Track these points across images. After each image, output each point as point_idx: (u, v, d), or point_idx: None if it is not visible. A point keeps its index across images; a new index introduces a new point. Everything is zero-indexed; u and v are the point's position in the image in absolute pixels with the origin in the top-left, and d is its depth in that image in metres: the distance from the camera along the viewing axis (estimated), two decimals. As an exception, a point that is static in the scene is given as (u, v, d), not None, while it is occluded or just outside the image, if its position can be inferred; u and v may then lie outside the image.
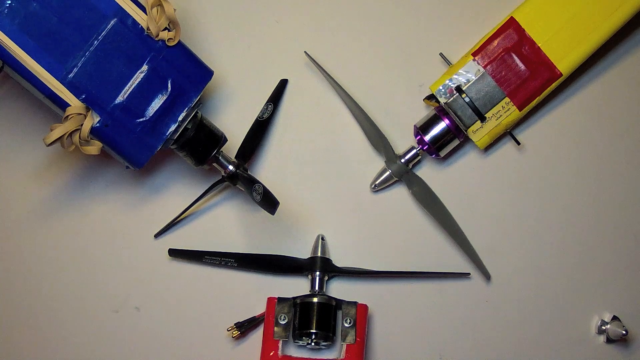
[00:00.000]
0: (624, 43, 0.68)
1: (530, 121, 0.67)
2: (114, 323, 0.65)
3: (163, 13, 0.56)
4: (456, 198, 0.66)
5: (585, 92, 0.68)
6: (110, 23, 0.55)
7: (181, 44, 0.58)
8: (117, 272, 0.66)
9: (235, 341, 0.64)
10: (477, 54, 0.63)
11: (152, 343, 0.65)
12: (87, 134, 0.55)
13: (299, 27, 0.68)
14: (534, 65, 0.63)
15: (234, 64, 0.68)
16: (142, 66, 0.56)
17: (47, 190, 0.66)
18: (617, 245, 0.67)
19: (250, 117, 0.66)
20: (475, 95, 0.63)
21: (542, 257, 0.66)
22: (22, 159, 0.66)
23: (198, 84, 0.59)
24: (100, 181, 0.66)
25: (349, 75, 0.67)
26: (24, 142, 0.66)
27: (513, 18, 0.63)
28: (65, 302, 0.65)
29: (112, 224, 0.66)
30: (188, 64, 0.58)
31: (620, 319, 0.65)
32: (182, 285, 0.65)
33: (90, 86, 0.55)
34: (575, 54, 0.63)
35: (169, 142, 0.59)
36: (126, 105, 0.56)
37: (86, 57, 0.55)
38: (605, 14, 0.63)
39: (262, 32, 0.68)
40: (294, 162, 0.67)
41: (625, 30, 0.65)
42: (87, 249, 0.66)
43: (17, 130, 0.66)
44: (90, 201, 0.66)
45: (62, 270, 0.65)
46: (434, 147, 0.64)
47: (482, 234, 0.66)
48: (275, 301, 0.62)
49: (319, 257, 0.63)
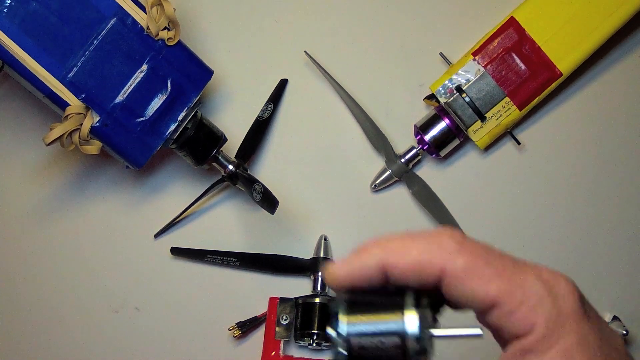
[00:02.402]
0: (624, 43, 0.68)
1: (530, 121, 0.67)
2: (114, 323, 0.65)
3: (163, 12, 0.56)
4: (456, 198, 0.66)
5: (585, 92, 0.68)
6: (110, 22, 0.55)
7: (181, 43, 0.58)
8: (117, 272, 0.66)
9: (236, 341, 0.64)
10: (477, 53, 0.63)
11: (152, 343, 0.65)
12: (87, 134, 0.55)
13: (299, 27, 0.68)
14: (534, 65, 0.63)
15: (234, 64, 0.68)
16: (142, 66, 0.56)
17: (47, 190, 0.66)
18: (617, 245, 0.67)
19: (250, 117, 0.66)
20: (475, 95, 0.63)
21: (541, 257, 0.66)
22: (22, 159, 0.66)
23: (198, 84, 0.59)
24: (100, 181, 0.66)
25: (349, 75, 0.67)
26: (23, 142, 0.66)
27: (513, 18, 0.63)
28: (65, 302, 0.65)
29: (112, 224, 0.66)
30: (188, 63, 0.58)
31: (620, 319, 0.65)
32: (183, 285, 0.65)
33: (89, 85, 0.55)
34: (575, 54, 0.63)
35: (168, 142, 0.59)
36: (126, 104, 0.56)
37: (86, 56, 0.55)
38: (605, 14, 0.63)
39: (262, 32, 0.68)
40: (294, 162, 0.67)
41: (625, 30, 0.65)
42: (87, 249, 0.66)
43: (17, 130, 0.66)
44: (90, 201, 0.66)
45: (62, 270, 0.65)
46: (434, 146, 0.64)
47: (482, 233, 0.66)
48: (277, 301, 0.62)
49: (322, 258, 0.63)
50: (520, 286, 0.31)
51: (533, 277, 0.31)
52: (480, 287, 0.30)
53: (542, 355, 0.30)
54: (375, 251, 0.32)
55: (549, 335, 0.30)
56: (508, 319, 0.31)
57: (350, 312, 0.31)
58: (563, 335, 0.30)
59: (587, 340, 0.31)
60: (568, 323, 0.31)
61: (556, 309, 0.31)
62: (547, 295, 0.31)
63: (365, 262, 0.32)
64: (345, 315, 0.31)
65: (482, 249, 0.31)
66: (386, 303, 0.31)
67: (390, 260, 0.31)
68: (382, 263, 0.31)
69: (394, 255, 0.31)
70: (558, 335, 0.30)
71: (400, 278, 0.31)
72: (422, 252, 0.31)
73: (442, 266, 0.31)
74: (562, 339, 0.30)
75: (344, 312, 0.31)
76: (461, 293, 0.31)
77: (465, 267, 0.30)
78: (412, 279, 0.31)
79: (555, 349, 0.30)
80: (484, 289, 0.30)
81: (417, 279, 0.31)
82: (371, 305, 0.31)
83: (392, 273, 0.31)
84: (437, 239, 0.31)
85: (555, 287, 0.31)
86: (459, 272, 0.30)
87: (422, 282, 0.31)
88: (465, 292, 0.31)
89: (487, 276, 0.30)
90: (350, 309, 0.31)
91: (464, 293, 0.31)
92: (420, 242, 0.31)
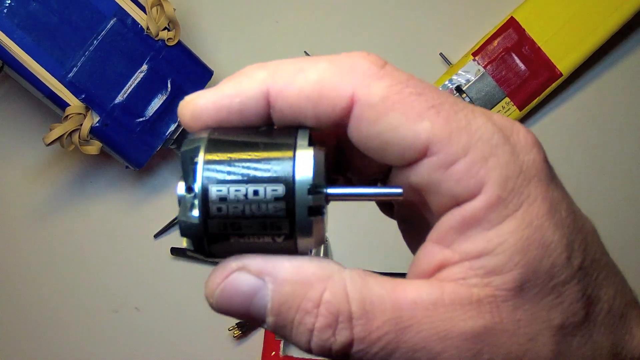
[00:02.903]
0: (624, 43, 0.68)
1: (530, 121, 0.67)
2: (114, 323, 0.65)
3: (163, 13, 0.56)
4: (456, 198, 0.66)
5: (585, 92, 0.68)
6: (110, 23, 0.55)
7: (181, 43, 0.58)
8: (117, 272, 0.65)
9: (236, 341, 0.64)
10: (477, 54, 0.63)
11: (152, 343, 0.65)
12: (87, 134, 0.55)
13: (299, 27, 0.68)
14: (534, 65, 0.63)
15: (234, 64, 0.67)
16: (142, 66, 0.56)
17: (47, 190, 0.66)
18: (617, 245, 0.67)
19: (250, 117, 0.66)
20: (475, 95, 0.63)
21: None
22: (22, 159, 0.66)
23: (198, 84, 0.59)
24: (100, 181, 0.66)
25: (349, 75, 0.67)
26: (24, 142, 0.66)
27: (513, 18, 0.63)
28: (65, 302, 0.65)
29: (112, 224, 0.66)
30: (188, 63, 0.58)
31: (620, 319, 0.65)
32: (183, 284, 0.65)
33: (89, 86, 0.55)
34: (575, 54, 0.63)
35: (168, 142, 0.59)
36: (126, 104, 0.56)
37: (86, 56, 0.55)
38: (605, 14, 0.62)
39: (262, 32, 0.68)
40: (294, 162, 0.67)
41: (625, 30, 0.65)
42: (87, 249, 0.66)
43: (17, 130, 0.66)
44: (90, 201, 0.66)
45: (62, 270, 0.65)
46: (434, 147, 0.64)
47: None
48: (275, 301, 0.62)
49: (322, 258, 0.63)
50: (465, 128, 0.21)
51: (483, 118, 0.22)
52: (406, 125, 0.21)
53: (494, 229, 0.21)
54: (259, 74, 0.22)
55: (506, 199, 0.21)
56: (445, 174, 0.21)
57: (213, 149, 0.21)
58: (527, 202, 0.21)
59: (559, 210, 0.22)
60: (533, 184, 0.21)
61: (516, 164, 0.21)
62: (504, 143, 0.21)
63: (243, 88, 0.23)
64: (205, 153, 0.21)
65: (410, 76, 0.23)
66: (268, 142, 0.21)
67: (278, 86, 0.22)
68: (265, 88, 0.22)
69: (284, 78, 0.22)
70: (519, 200, 0.21)
71: (290, 113, 0.22)
72: (324, 75, 0.22)
73: (352, 93, 0.21)
74: (525, 205, 0.21)
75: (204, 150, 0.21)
76: (376, 133, 0.21)
77: (387, 94, 0.21)
78: (307, 112, 0.22)
79: (515, 220, 0.21)
80: (412, 128, 0.21)
81: (314, 112, 0.22)
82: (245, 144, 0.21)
83: (279, 105, 0.22)
84: (347, 60, 0.23)
85: (514, 135, 0.22)
86: (376, 101, 0.21)
87: (321, 118, 0.22)
88: (384, 132, 0.21)
89: (417, 110, 0.21)
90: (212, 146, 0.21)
91: (381, 133, 0.21)
92: (322, 62, 0.22)
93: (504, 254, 0.20)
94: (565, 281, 0.21)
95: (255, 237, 0.21)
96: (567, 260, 0.21)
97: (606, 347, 0.22)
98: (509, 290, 0.20)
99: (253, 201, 0.20)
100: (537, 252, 0.20)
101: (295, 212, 0.20)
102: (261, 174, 0.20)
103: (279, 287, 0.21)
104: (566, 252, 0.21)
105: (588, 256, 0.22)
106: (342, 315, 0.20)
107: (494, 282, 0.20)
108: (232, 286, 0.21)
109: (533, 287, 0.20)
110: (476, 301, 0.20)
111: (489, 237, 0.20)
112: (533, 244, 0.20)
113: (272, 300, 0.21)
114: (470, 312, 0.20)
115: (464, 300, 0.20)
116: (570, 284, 0.21)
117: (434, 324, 0.20)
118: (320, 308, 0.20)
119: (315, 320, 0.20)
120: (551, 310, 0.21)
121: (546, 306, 0.21)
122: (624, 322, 0.22)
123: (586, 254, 0.22)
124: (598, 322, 0.22)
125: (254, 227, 0.20)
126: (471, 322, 0.20)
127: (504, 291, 0.20)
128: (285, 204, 0.20)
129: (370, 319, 0.20)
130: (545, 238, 0.21)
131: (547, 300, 0.21)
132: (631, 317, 0.23)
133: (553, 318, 0.21)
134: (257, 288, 0.21)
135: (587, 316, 0.21)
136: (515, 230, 0.20)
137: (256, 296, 0.21)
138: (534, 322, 0.20)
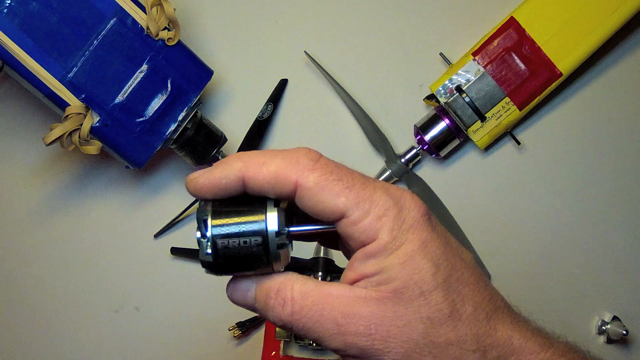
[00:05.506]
0: (624, 43, 0.68)
1: (530, 121, 0.67)
2: (114, 323, 0.65)
3: (163, 12, 0.56)
4: (456, 198, 0.66)
5: (585, 92, 0.68)
6: (110, 23, 0.55)
7: (181, 43, 0.58)
8: (117, 272, 0.66)
9: (236, 340, 0.64)
10: (477, 53, 0.63)
11: (152, 343, 0.65)
12: (87, 134, 0.55)
13: (299, 27, 0.68)
14: (534, 65, 0.63)
15: (234, 64, 0.68)
16: (142, 66, 0.56)
17: (47, 190, 0.66)
18: (617, 245, 0.67)
19: (250, 117, 0.66)
20: (475, 95, 0.63)
21: (542, 256, 0.66)
22: (22, 159, 0.66)
23: (198, 84, 0.59)
24: (100, 181, 0.66)
25: (349, 75, 0.67)
26: (24, 142, 0.66)
27: (513, 18, 0.63)
28: (65, 302, 0.65)
29: (112, 224, 0.66)
30: (188, 63, 0.58)
31: (620, 319, 0.65)
32: (183, 284, 0.65)
33: (89, 86, 0.55)
34: (575, 54, 0.63)
35: (168, 142, 0.59)
36: (126, 104, 0.56)
37: (86, 56, 0.55)
38: (605, 14, 0.63)
39: (262, 32, 0.68)
40: (294, 162, 0.67)
41: (625, 30, 0.65)
42: (87, 249, 0.66)
43: (17, 130, 0.66)
44: (90, 201, 0.66)
45: (62, 270, 0.65)
46: (434, 147, 0.64)
47: (482, 233, 0.66)
48: (275, 301, 0.62)
49: (322, 258, 0.63)
50: (368, 199, 0.33)
51: (381, 191, 0.34)
52: (329, 199, 0.33)
53: (384, 260, 0.33)
54: (236, 164, 0.34)
55: (392, 241, 0.33)
56: (355, 227, 0.33)
57: (216, 216, 0.34)
58: (405, 242, 0.33)
59: (428, 246, 0.33)
60: (411, 231, 0.33)
61: (400, 219, 0.33)
62: (393, 206, 0.33)
63: (225, 172, 0.34)
64: (211, 219, 0.34)
65: (335, 166, 0.34)
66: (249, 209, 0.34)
67: (249, 173, 0.34)
68: (241, 174, 0.34)
69: (253, 168, 0.34)
70: (401, 242, 0.33)
71: (258, 189, 0.34)
72: (279, 167, 0.34)
73: (296, 180, 0.33)
74: (404, 244, 0.33)
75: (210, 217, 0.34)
76: (313, 204, 0.34)
77: (317, 181, 0.33)
78: (269, 190, 0.34)
79: (396, 253, 0.33)
80: (333, 201, 0.33)
81: (273, 191, 0.34)
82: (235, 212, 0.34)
83: (251, 185, 0.34)
84: (294, 155, 0.34)
85: (401, 200, 0.34)
86: (310, 185, 0.33)
87: (279, 194, 0.34)
88: (316, 204, 0.33)
89: (337, 190, 0.33)
90: (216, 214, 0.34)
91: (315, 204, 0.33)
92: (278, 157, 0.34)
93: (388, 273, 0.33)
94: (430, 290, 0.33)
95: (246, 265, 0.35)
96: (432, 277, 0.33)
97: (470, 335, 0.33)
98: (390, 292, 0.33)
99: (243, 247, 0.34)
100: (409, 272, 0.33)
101: (270, 250, 0.34)
102: (247, 229, 0.34)
103: (259, 288, 0.35)
104: (431, 271, 0.33)
105: (453, 275, 0.33)
106: (287, 299, 0.34)
107: (381, 289, 0.33)
108: (238, 288, 0.36)
109: (407, 292, 0.33)
110: (369, 298, 0.33)
111: (380, 264, 0.33)
112: (407, 267, 0.33)
113: (257, 294, 0.36)
114: (365, 303, 0.33)
115: (362, 296, 0.33)
116: (435, 292, 0.33)
117: (341, 306, 0.33)
118: (277, 296, 0.34)
119: (274, 303, 0.34)
120: (420, 307, 0.33)
121: (417, 305, 0.33)
122: (488, 320, 0.34)
123: (450, 274, 0.33)
124: (463, 318, 0.33)
125: (245, 260, 0.34)
126: (365, 308, 0.33)
127: (387, 293, 0.33)
128: (263, 247, 0.34)
129: (303, 300, 0.34)
130: (416, 263, 0.33)
131: (417, 301, 0.33)
132: (497, 319, 0.34)
133: (422, 312, 0.32)
134: (249, 288, 0.36)
135: (452, 313, 0.33)
136: (396, 259, 0.33)
137: (248, 292, 0.36)
138: (408, 314, 0.32)
